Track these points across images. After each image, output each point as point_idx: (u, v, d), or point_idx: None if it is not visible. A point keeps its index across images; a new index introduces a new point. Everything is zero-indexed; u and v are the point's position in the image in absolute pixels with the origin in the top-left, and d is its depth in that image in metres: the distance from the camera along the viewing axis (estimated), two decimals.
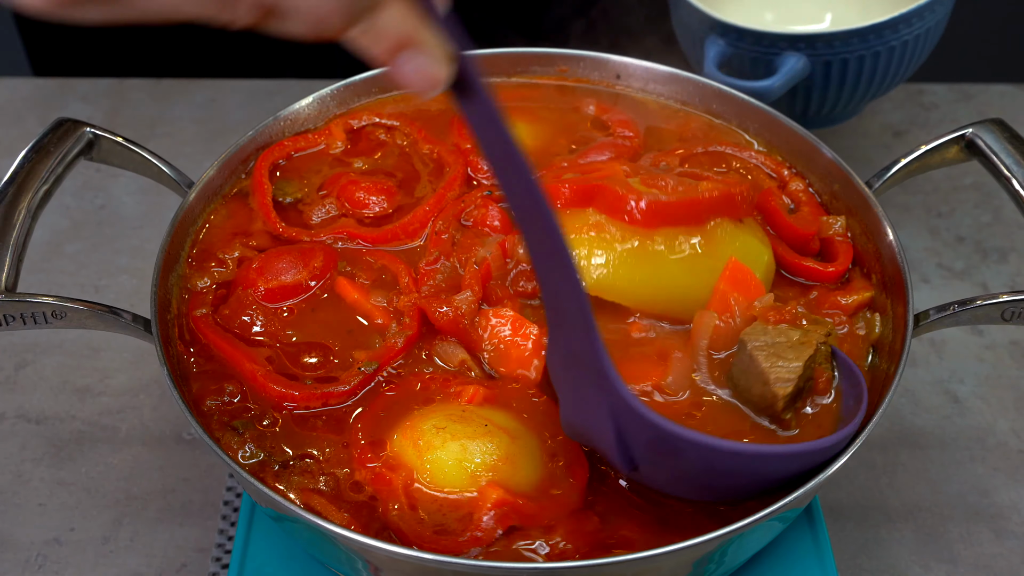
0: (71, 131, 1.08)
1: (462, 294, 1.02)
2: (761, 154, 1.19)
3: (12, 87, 1.67)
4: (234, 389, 0.99)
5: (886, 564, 1.12)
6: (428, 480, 0.91)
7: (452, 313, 1.00)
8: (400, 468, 0.92)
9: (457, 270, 1.06)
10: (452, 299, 1.01)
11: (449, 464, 0.91)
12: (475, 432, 0.92)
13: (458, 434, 0.92)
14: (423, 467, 0.91)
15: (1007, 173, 1.06)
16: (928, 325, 1.01)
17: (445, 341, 1.02)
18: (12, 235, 0.99)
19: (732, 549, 0.91)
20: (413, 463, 0.92)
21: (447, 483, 0.91)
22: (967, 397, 1.26)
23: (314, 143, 1.20)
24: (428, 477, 0.91)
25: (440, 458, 0.91)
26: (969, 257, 1.42)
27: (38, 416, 1.24)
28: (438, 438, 0.92)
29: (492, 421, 0.94)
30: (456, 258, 1.07)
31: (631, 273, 1.00)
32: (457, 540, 0.88)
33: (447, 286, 1.04)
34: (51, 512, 1.15)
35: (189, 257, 1.09)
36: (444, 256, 1.07)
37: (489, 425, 0.93)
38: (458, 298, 1.01)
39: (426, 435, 0.92)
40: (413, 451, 0.92)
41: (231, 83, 1.67)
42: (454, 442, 0.92)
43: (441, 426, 0.93)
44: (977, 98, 1.65)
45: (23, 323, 0.97)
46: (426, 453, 0.92)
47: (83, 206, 1.49)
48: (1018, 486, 1.18)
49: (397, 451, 0.93)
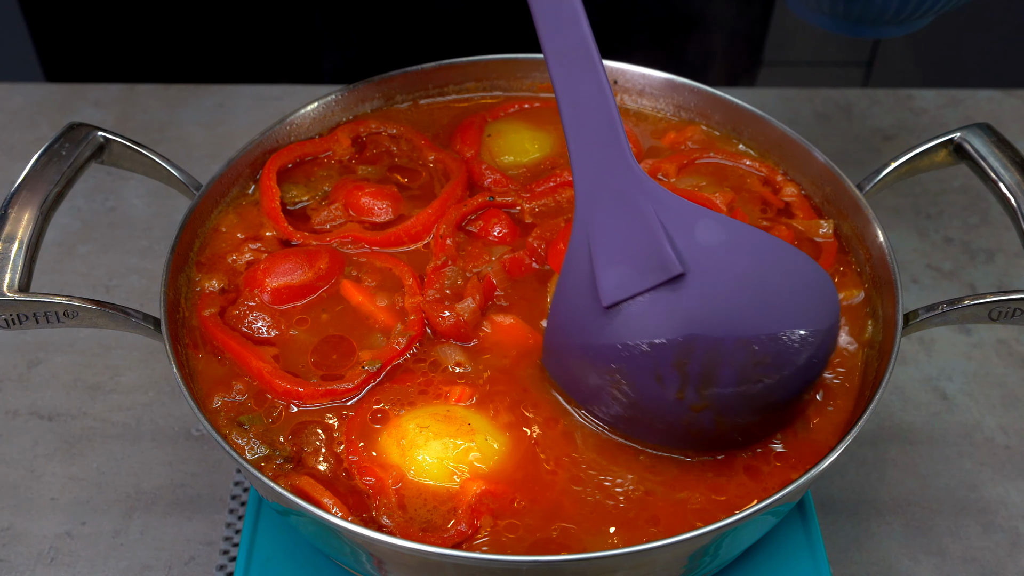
0: (82, 135, 1.08)
1: (464, 302, 1.04)
2: (756, 161, 1.21)
3: (25, 92, 1.68)
4: (242, 387, 1.00)
5: (876, 557, 1.13)
6: (413, 477, 0.93)
7: (454, 319, 1.02)
8: (388, 467, 0.94)
9: (462, 276, 1.07)
10: (455, 306, 1.03)
11: (431, 462, 0.93)
12: (457, 431, 0.94)
13: (440, 433, 0.94)
14: (407, 465, 0.93)
15: (994, 176, 1.07)
16: (917, 324, 1.02)
17: (444, 344, 1.03)
18: (25, 236, 1.00)
19: (726, 543, 0.92)
20: (398, 462, 0.94)
21: (430, 479, 0.93)
22: (955, 394, 1.28)
23: (321, 149, 1.21)
24: (413, 475, 0.93)
25: (423, 456, 0.93)
26: (957, 258, 1.43)
27: (50, 412, 1.26)
28: (421, 437, 0.94)
29: (475, 421, 0.96)
30: (462, 264, 1.09)
31: None
32: (443, 536, 0.89)
33: (452, 292, 1.06)
34: (63, 506, 1.17)
35: (199, 259, 1.10)
36: (451, 260, 1.08)
37: (472, 424, 0.95)
38: (460, 305, 1.03)
39: (409, 434, 0.94)
40: (397, 450, 0.94)
41: (238, 88, 1.69)
42: (436, 440, 0.93)
43: (424, 425, 0.95)
44: (965, 103, 1.66)
45: (36, 322, 0.98)
46: (409, 451, 0.93)
47: (94, 208, 1.50)
48: (1005, 481, 1.20)
49: (384, 450, 0.95)
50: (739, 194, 1.17)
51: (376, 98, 1.26)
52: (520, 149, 1.20)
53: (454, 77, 1.29)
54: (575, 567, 0.85)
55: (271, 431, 0.97)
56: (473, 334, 1.04)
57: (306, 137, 1.22)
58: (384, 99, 1.27)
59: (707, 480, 0.95)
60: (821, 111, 1.64)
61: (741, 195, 1.17)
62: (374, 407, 0.98)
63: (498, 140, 1.21)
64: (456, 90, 1.30)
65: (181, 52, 1.86)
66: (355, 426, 0.97)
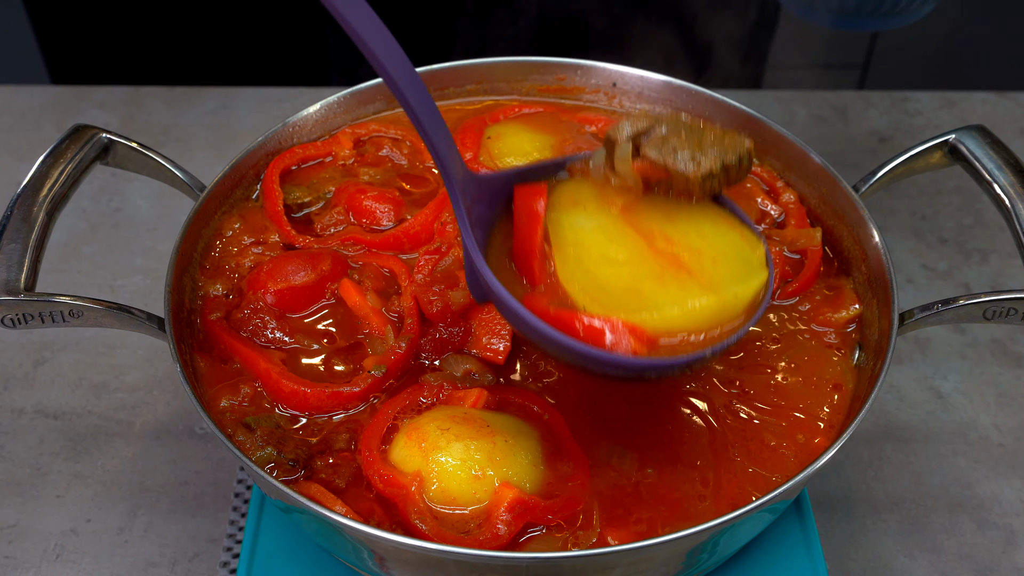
0: (87, 137, 1.09)
1: (457, 290, 1.05)
2: (755, 165, 1.21)
3: (31, 95, 1.69)
4: (249, 391, 1.00)
5: (872, 554, 1.14)
6: (436, 480, 0.92)
7: (442, 304, 1.03)
8: (409, 473, 0.93)
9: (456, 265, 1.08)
10: (447, 292, 1.05)
11: (455, 464, 0.92)
12: (477, 432, 0.94)
13: (462, 435, 0.93)
14: (429, 468, 0.92)
15: (988, 177, 1.08)
16: (913, 324, 1.03)
17: (453, 353, 1.04)
18: (31, 237, 1.00)
19: (724, 540, 0.93)
20: (419, 465, 0.93)
21: (456, 484, 0.92)
22: (950, 393, 1.29)
23: (323, 152, 1.22)
24: (435, 477, 0.92)
25: (446, 459, 0.92)
26: (952, 258, 1.44)
27: (56, 411, 1.27)
28: (443, 439, 0.93)
29: (494, 423, 0.95)
30: (456, 252, 1.09)
31: None
32: (478, 540, 0.89)
33: (444, 278, 1.07)
34: (68, 504, 1.18)
35: (204, 263, 1.11)
36: (447, 246, 1.09)
37: (491, 426, 0.95)
38: (452, 293, 1.05)
39: (430, 436, 0.93)
40: (419, 453, 0.93)
41: (242, 91, 1.70)
42: (458, 442, 0.92)
43: (445, 427, 0.94)
44: (960, 105, 1.67)
45: (41, 322, 0.99)
46: (431, 454, 0.92)
47: (99, 209, 1.51)
48: (999, 478, 1.20)
49: (404, 454, 0.94)
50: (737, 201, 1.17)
51: (378, 101, 1.27)
52: (520, 151, 1.21)
53: (455, 80, 1.30)
54: (574, 564, 0.86)
55: (276, 431, 0.98)
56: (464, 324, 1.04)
57: (308, 140, 1.23)
58: (386, 102, 1.27)
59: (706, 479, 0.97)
60: (817, 113, 1.65)
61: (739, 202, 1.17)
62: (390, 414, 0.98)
63: (498, 142, 1.22)
64: (457, 93, 1.31)
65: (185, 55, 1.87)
66: (372, 434, 0.96)
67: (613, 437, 0.99)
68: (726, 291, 0.88)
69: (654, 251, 0.90)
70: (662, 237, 0.91)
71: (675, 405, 1.02)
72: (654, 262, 0.90)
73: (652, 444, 0.99)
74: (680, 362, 0.87)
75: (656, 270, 0.89)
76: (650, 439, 0.99)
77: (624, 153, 0.91)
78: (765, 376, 1.04)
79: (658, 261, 0.90)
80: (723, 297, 0.88)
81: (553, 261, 0.90)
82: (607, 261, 0.90)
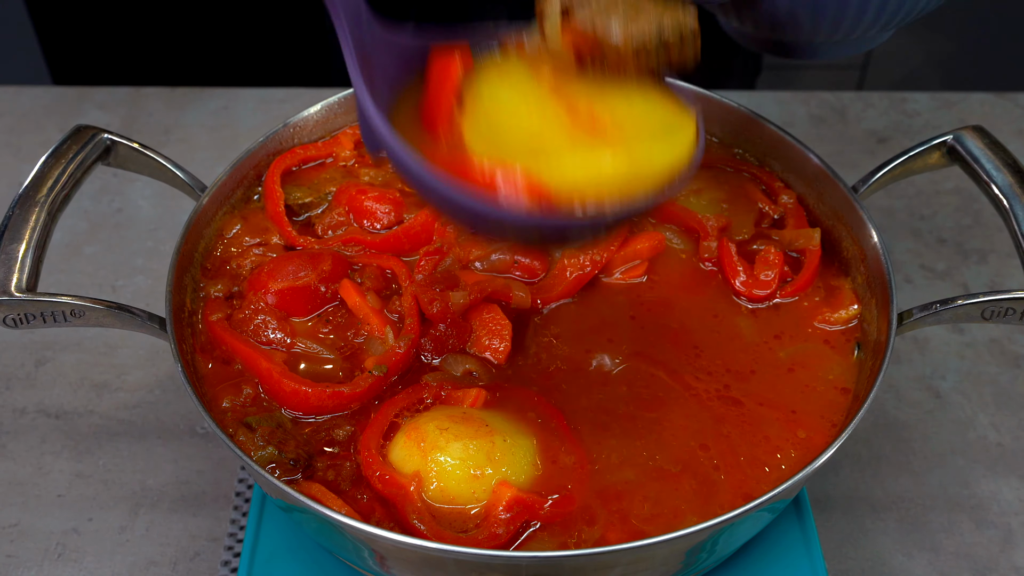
0: (89, 137, 1.09)
1: (458, 292, 1.05)
2: (754, 168, 1.21)
3: (33, 95, 1.69)
4: (251, 391, 1.01)
5: (871, 553, 1.14)
6: (435, 479, 0.92)
7: (442, 304, 1.03)
8: (408, 473, 0.93)
9: (455, 263, 1.09)
10: (447, 294, 1.05)
11: (453, 463, 0.92)
12: (476, 432, 0.94)
13: (461, 434, 0.93)
14: (428, 468, 0.92)
15: (986, 178, 1.08)
16: (911, 324, 1.03)
17: (452, 352, 1.04)
18: (32, 237, 1.00)
19: (723, 539, 0.93)
20: (419, 465, 0.93)
21: (455, 483, 0.92)
22: (948, 392, 1.29)
23: (324, 153, 1.22)
24: (435, 477, 0.92)
25: (445, 459, 0.92)
26: (950, 258, 1.44)
27: (57, 411, 1.27)
28: (442, 438, 0.93)
29: (493, 422, 0.96)
30: (457, 252, 1.09)
31: None
32: (477, 539, 0.89)
33: (443, 278, 1.07)
34: (70, 503, 1.18)
35: (205, 264, 1.11)
36: (447, 246, 1.09)
37: (490, 426, 0.95)
38: (452, 293, 1.05)
39: (430, 436, 0.94)
40: (418, 453, 0.93)
41: (243, 91, 1.70)
42: (457, 442, 0.93)
43: (444, 427, 0.94)
44: (958, 106, 1.67)
45: (43, 321, 0.99)
46: (430, 453, 0.93)
47: (100, 209, 1.51)
48: (997, 478, 1.21)
49: (403, 454, 0.94)
50: (736, 202, 1.18)
51: None
52: None
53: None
54: (574, 563, 0.86)
55: (277, 430, 0.98)
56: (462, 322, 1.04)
57: (309, 140, 1.23)
58: None
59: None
60: (816, 114, 1.65)
61: (738, 202, 1.18)
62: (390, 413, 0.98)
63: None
64: None
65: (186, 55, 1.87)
66: (372, 434, 0.96)
67: (612, 436, 0.99)
68: (638, 152, 0.82)
69: (574, 119, 0.83)
70: (587, 109, 0.84)
71: (675, 404, 1.02)
72: (571, 127, 0.82)
73: (651, 443, 0.99)
74: (576, 224, 0.79)
75: (571, 133, 0.82)
76: (649, 438, 0.99)
77: (554, 19, 0.84)
78: (764, 376, 1.04)
79: (575, 125, 0.82)
80: (634, 158, 0.81)
81: (461, 122, 0.84)
82: (518, 120, 0.83)
